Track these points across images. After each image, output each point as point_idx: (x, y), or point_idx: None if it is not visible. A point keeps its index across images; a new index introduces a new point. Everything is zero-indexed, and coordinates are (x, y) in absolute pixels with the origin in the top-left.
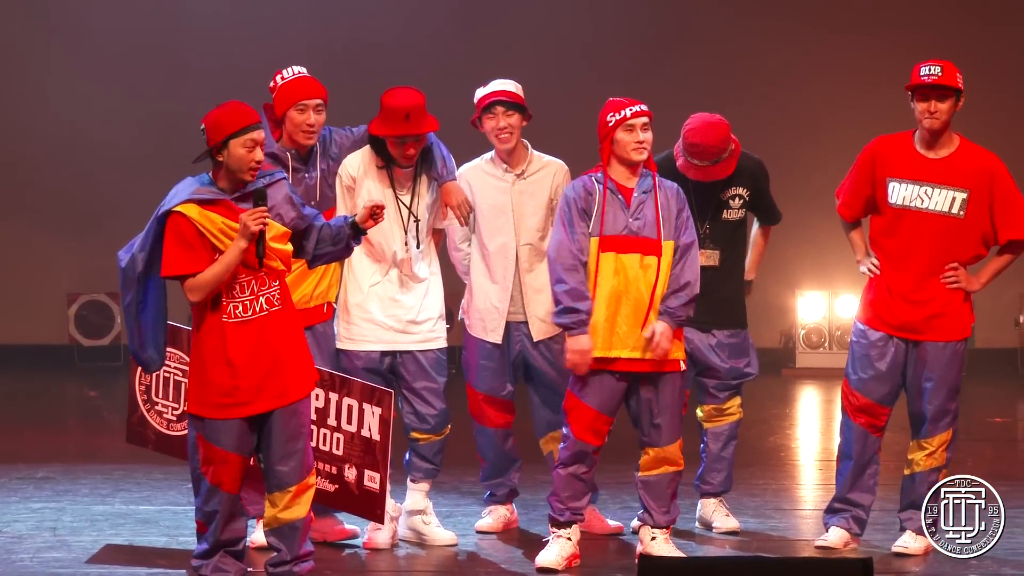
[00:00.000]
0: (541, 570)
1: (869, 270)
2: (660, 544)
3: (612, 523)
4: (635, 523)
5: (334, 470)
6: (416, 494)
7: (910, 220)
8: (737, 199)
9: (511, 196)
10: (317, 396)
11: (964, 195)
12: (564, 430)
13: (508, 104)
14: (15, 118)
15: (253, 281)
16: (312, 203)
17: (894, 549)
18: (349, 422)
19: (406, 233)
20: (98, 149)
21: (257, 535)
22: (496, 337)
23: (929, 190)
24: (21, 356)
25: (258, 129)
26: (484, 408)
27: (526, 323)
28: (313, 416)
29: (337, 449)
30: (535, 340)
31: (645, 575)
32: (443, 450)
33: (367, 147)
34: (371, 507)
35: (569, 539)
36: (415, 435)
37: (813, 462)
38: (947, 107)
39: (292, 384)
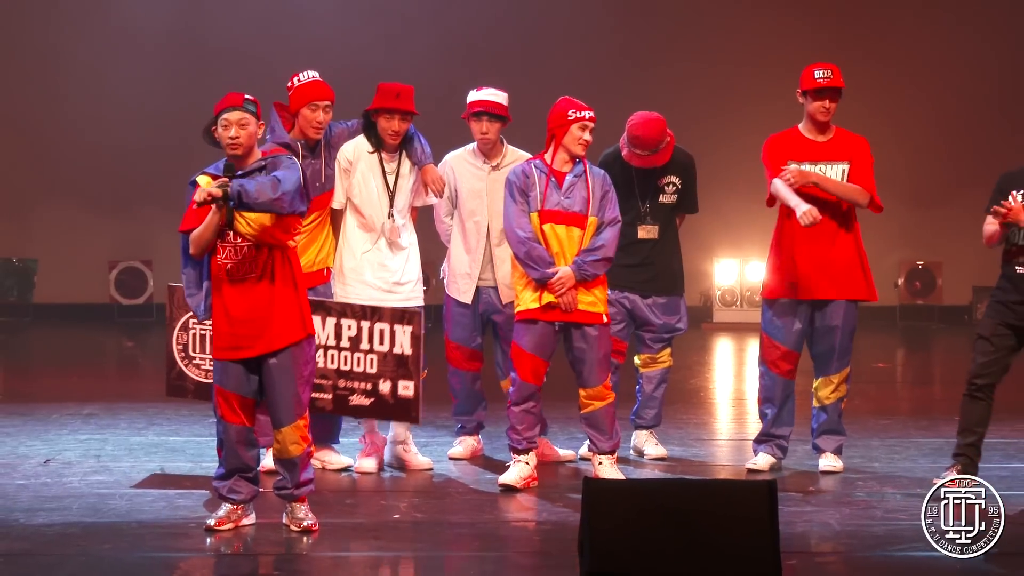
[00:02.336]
0: (503, 487)
1: (808, 212)
2: (607, 468)
3: (563, 452)
4: (584, 451)
5: (369, 386)
6: (399, 427)
7: (810, 194)
8: (671, 186)
9: (486, 183)
10: (350, 327)
11: (846, 166)
12: (512, 374)
13: (492, 115)
14: (64, 112)
15: (242, 248)
16: (318, 184)
17: (821, 469)
18: (382, 343)
19: (392, 206)
20: (134, 137)
21: (267, 460)
22: (467, 298)
23: (823, 167)
24: (69, 313)
25: (229, 112)
26: (457, 355)
27: (495, 288)
28: (347, 344)
29: (371, 368)
30: (503, 303)
31: (589, 494)
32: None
33: (361, 136)
34: (406, 411)
35: (527, 463)
36: None
37: (727, 400)
38: (835, 105)
39: (279, 335)
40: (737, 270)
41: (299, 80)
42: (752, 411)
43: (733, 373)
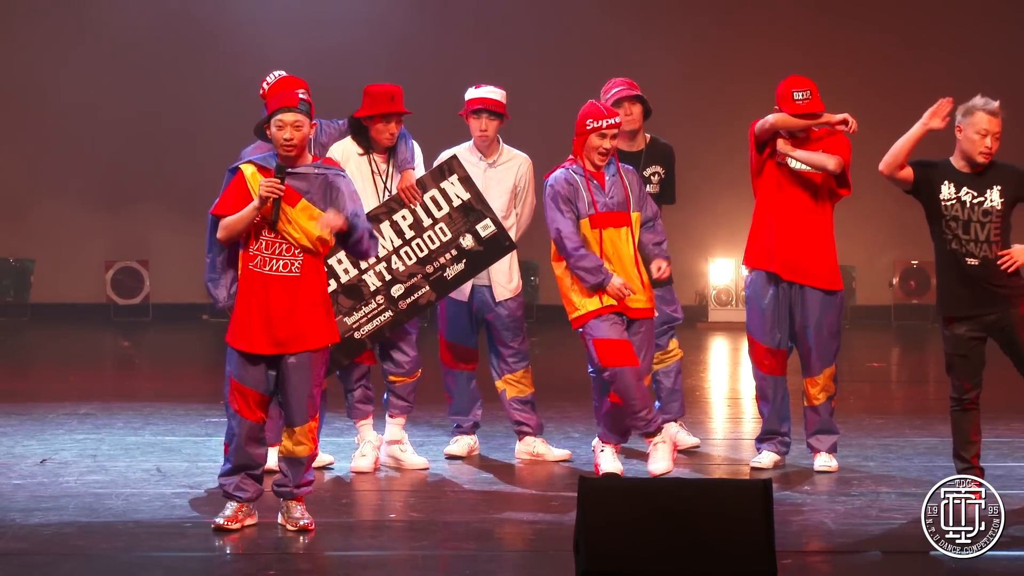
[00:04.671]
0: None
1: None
2: (608, 457)
3: (557, 451)
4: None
5: (454, 252)
6: (394, 427)
7: (790, 176)
8: (656, 176)
9: (482, 180)
10: (404, 216)
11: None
12: (600, 368)
13: (492, 112)
14: (61, 112)
15: (276, 243)
16: None
17: (817, 469)
18: (439, 208)
19: None
20: (130, 138)
21: (271, 459)
22: (463, 296)
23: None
24: (66, 313)
25: (285, 113)
26: (451, 355)
27: (489, 287)
28: (412, 232)
29: (445, 235)
30: (496, 300)
31: (584, 493)
32: (416, 390)
33: (349, 137)
34: (499, 246)
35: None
36: (392, 378)
37: (722, 399)
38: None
39: (294, 339)
40: (732, 269)
41: (268, 84)
42: (747, 410)
43: (728, 372)
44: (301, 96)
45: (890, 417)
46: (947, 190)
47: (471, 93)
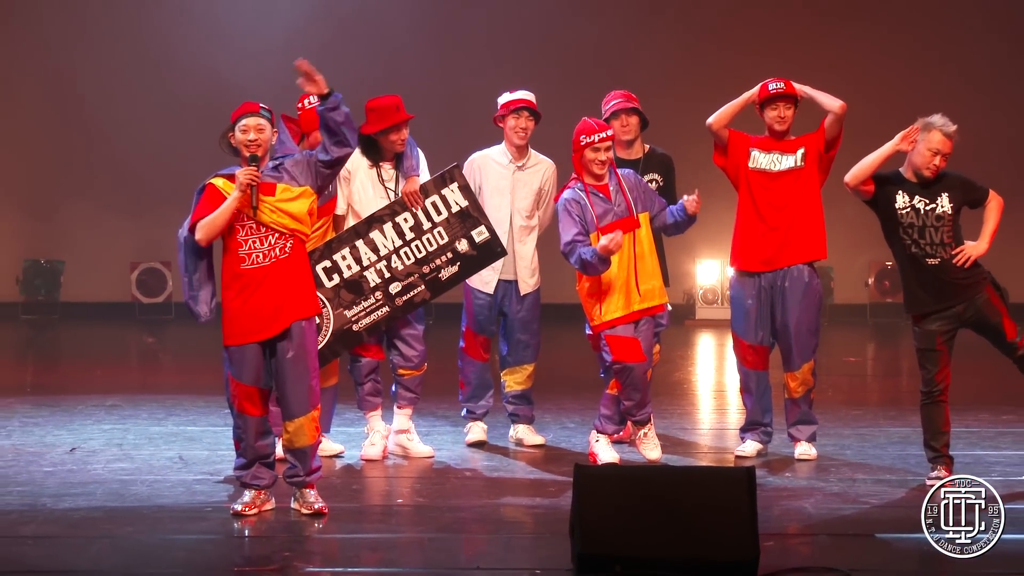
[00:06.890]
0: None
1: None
2: (603, 446)
3: (534, 438)
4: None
5: (450, 255)
6: (401, 417)
7: (769, 180)
8: (653, 183)
9: (511, 182)
10: (406, 219)
11: (803, 150)
12: (616, 365)
13: (532, 112)
14: (90, 119)
15: (268, 236)
16: (326, 192)
17: (797, 457)
18: (439, 212)
19: None
20: (154, 144)
21: (280, 449)
22: (490, 288)
23: (779, 156)
24: (93, 311)
25: (248, 118)
26: (476, 345)
27: (514, 281)
28: (412, 234)
29: (443, 239)
30: (521, 295)
31: (579, 480)
32: (422, 382)
33: (358, 150)
34: (491, 252)
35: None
36: (401, 371)
37: (709, 392)
38: (791, 113)
39: (291, 311)
40: (718, 269)
41: (310, 103)
42: (732, 402)
43: (714, 367)
44: (262, 106)
45: (866, 408)
46: (901, 199)
47: (507, 96)
